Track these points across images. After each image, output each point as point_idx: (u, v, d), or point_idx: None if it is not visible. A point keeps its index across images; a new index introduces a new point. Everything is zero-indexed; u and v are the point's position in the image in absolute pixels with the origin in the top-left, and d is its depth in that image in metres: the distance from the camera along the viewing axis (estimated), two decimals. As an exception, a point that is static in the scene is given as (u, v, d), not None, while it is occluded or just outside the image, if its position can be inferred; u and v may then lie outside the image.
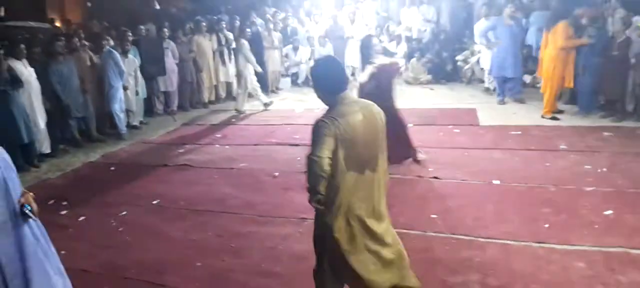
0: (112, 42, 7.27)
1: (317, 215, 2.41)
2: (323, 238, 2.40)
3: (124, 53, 7.22)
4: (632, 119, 6.31)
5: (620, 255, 3.20)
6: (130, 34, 7.58)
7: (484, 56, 8.71)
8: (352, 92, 3.34)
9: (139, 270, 3.47)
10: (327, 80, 2.39)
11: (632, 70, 6.18)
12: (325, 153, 2.20)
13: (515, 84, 7.81)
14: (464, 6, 11.21)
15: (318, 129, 2.25)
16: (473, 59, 9.84)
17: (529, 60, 8.69)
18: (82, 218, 4.37)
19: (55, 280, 2.49)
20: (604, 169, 4.71)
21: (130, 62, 7.36)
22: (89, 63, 6.93)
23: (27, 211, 2.30)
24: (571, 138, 5.74)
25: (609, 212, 3.80)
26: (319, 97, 2.42)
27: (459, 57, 10.28)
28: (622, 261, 3.13)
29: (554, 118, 6.65)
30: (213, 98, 9.56)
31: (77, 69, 6.56)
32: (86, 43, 7.18)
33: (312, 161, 2.22)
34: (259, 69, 8.49)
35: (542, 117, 6.72)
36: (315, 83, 2.45)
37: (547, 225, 3.66)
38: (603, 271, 3.00)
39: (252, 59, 8.28)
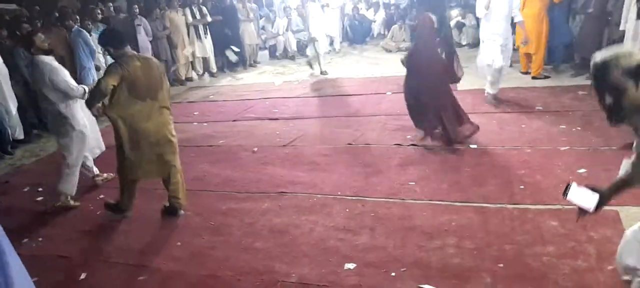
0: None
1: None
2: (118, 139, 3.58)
3: (88, 31, 6.95)
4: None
5: (592, 214, 3.27)
6: (99, 11, 7.33)
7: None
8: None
9: (118, 253, 3.45)
10: (114, 39, 3.51)
11: (607, 27, 6.22)
12: (110, 83, 3.31)
13: None
14: (442, -30, 11.08)
15: (111, 67, 3.42)
16: (451, 24, 9.80)
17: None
18: (59, 203, 4.30)
19: None
20: (578, 128, 4.78)
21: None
22: (64, 43, 6.71)
23: None
24: (547, 98, 5.80)
25: (583, 170, 3.88)
26: (109, 53, 3.55)
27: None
28: (594, 218, 3.18)
29: (546, 77, 6.67)
30: (190, 75, 9.40)
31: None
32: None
33: (100, 83, 3.38)
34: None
35: (534, 78, 6.68)
36: (106, 43, 3.54)
37: (522, 187, 3.72)
38: (575, 229, 3.07)
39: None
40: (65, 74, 3.98)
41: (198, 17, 9.15)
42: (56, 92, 3.92)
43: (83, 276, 3.21)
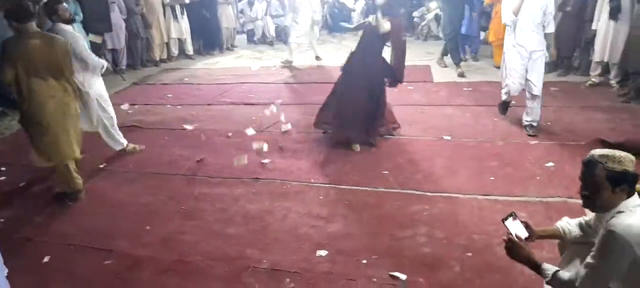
0: None
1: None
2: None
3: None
4: (577, 72, 6.55)
5: (559, 205, 3.37)
6: (69, -14, 7.03)
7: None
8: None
9: (84, 236, 3.36)
10: (17, 14, 3.43)
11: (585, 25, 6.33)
12: (7, 74, 3.41)
13: (472, 42, 7.91)
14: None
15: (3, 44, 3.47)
16: (429, 16, 9.85)
17: (482, 16, 8.78)
18: (22, 183, 4.15)
19: None
20: (549, 123, 4.90)
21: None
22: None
23: None
24: (520, 93, 5.89)
25: (551, 164, 3.98)
26: (11, 27, 3.48)
27: (415, 14, 10.26)
28: (560, 210, 3.28)
29: None
30: (164, 56, 9.18)
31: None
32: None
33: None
34: None
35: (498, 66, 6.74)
36: (9, 16, 3.45)
37: (492, 178, 3.79)
38: (542, 220, 3.15)
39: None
40: (85, 44, 4.21)
41: (174, -4, 8.92)
42: (75, 61, 4.00)
43: (46, 259, 3.11)
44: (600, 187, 1.77)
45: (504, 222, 2.14)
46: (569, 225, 2.14)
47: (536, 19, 4.37)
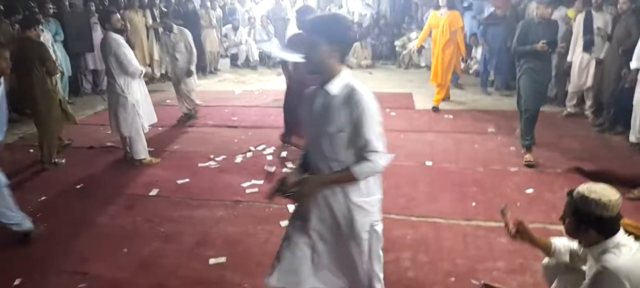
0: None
1: None
2: None
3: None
4: (553, 103, 6.74)
5: (539, 231, 3.34)
6: (50, 6, 6.98)
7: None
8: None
9: (57, 258, 3.23)
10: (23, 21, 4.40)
11: (557, 55, 6.55)
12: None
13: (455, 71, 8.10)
14: (403, -7, 11.44)
15: None
16: (410, 45, 10.07)
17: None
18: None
19: None
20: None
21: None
22: (9, 37, 6.33)
23: None
24: (499, 121, 6.03)
25: (530, 190, 4.04)
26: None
27: (397, 43, 10.48)
28: (540, 235, 3.31)
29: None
30: (146, 78, 9.09)
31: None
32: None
33: None
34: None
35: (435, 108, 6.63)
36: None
37: (474, 204, 3.82)
38: (523, 247, 3.14)
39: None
40: (128, 52, 4.54)
41: (158, 20, 8.92)
42: (118, 66, 4.48)
43: (17, 282, 2.97)
44: (585, 229, 1.80)
45: (502, 212, 2.22)
46: (562, 246, 2.15)
47: None
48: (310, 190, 1.97)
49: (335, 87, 1.88)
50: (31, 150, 5.43)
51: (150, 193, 4.19)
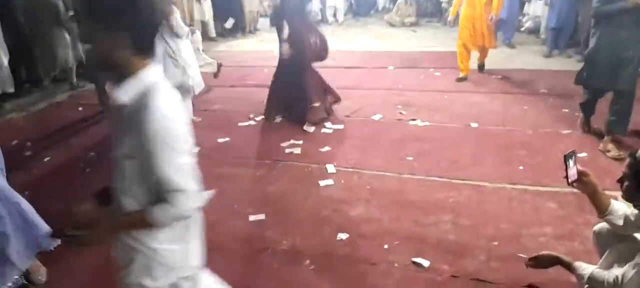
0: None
1: None
2: None
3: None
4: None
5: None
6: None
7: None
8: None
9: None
10: None
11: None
12: None
13: (507, 29, 7.68)
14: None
15: None
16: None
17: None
18: (46, 158, 4.20)
19: None
20: (582, 113, 4.68)
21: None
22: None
23: None
24: (551, 81, 5.69)
25: (584, 154, 3.80)
26: None
27: (443, -1, 10.02)
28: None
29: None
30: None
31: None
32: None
33: None
34: None
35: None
36: None
37: (521, 167, 3.65)
38: (573, 211, 3.02)
39: None
40: (176, 14, 4.44)
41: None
42: (166, 29, 4.32)
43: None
44: None
45: (565, 158, 1.97)
46: (619, 208, 2.00)
47: None
48: (101, 238, 1.45)
49: (125, 92, 1.31)
50: (80, 109, 5.64)
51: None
